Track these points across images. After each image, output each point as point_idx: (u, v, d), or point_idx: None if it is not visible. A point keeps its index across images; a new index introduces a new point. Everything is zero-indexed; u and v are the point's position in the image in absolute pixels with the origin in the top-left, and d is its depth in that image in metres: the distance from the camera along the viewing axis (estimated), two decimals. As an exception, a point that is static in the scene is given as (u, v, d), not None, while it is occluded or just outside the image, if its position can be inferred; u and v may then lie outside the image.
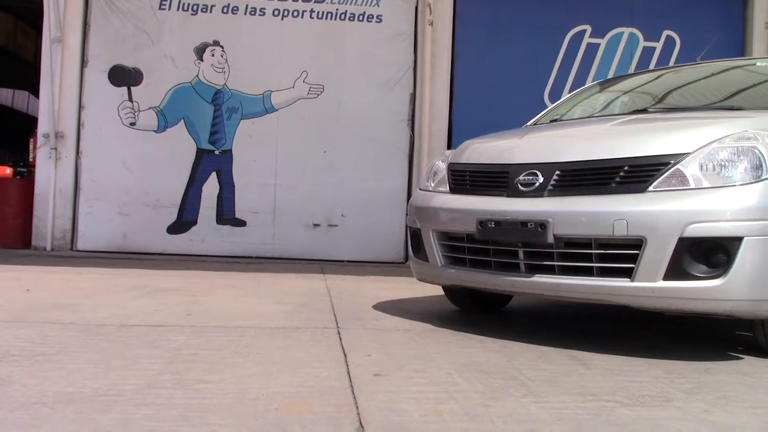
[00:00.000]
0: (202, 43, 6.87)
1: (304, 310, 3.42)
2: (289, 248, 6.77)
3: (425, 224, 3.13)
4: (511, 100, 6.76)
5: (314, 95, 6.90)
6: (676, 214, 2.45)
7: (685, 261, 2.45)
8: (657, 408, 1.95)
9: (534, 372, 2.31)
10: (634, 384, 2.20)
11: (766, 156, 2.51)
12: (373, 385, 2.06)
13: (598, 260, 2.59)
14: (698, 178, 2.51)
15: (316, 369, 2.23)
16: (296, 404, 1.85)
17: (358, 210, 6.81)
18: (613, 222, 2.51)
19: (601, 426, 1.77)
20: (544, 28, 7.07)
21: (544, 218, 2.63)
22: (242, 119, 6.87)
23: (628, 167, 2.61)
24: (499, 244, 2.82)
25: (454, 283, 3.14)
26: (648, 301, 2.53)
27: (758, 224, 2.43)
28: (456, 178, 3.15)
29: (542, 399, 1.99)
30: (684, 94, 3.72)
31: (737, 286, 2.42)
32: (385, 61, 6.91)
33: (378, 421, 1.73)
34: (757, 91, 3.47)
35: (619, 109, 3.71)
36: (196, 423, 1.66)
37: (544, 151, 2.93)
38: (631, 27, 7.16)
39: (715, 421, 1.85)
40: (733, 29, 7.26)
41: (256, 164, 6.82)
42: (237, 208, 6.82)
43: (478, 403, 1.92)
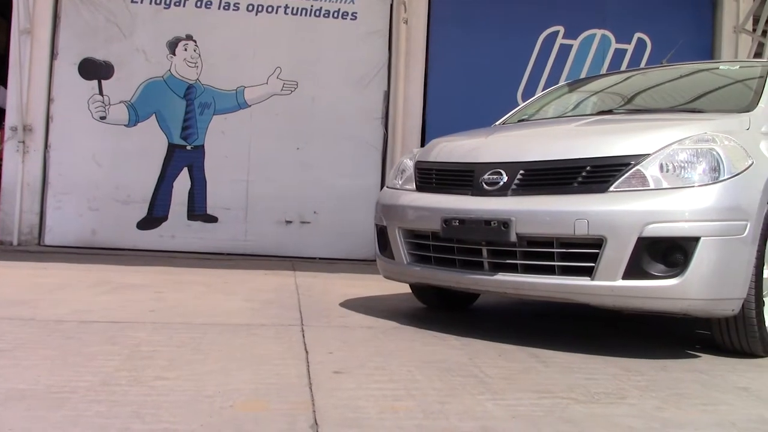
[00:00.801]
0: (174, 37, 6.80)
1: (270, 307, 3.40)
2: (261, 245, 6.74)
3: (391, 222, 3.14)
4: (485, 98, 6.79)
5: (288, 91, 6.87)
6: (636, 214, 2.49)
7: (643, 260, 2.49)
8: (611, 405, 1.98)
9: (493, 369, 2.33)
10: (591, 381, 2.23)
11: (723, 158, 2.56)
12: (332, 383, 2.06)
13: (560, 259, 2.62)
14: (658, 179, 2.56)
15: (276, 366, 2.23)
16: (253, 401, 1.85)
17: (330, 207, 6.80)
18: (574, 221, 2.54)
19: (555, 423, 1.79)
20: (518, 28, 7.12)
21: (507, 217, 2.65)
22: (215, 115, 6.81)
23: (590, 167, 2.65)
24: (463, 242, 2.83)
25: (419, 281, 3.15)
26: (608, 299, 2.56)
27: (715, 225, 2.48)
28: (422, 176, 3.16)
29: (499, 396, 2.01)
30: (649, 96, 3.77)
31: (693, 286, 2.46)
32: (359, 58, 6.90)
33: (333, 418, 1.73)
34: (719, 95, 3.54)
35: (586, 110, 3.75)
36: (149, 420, 1.65)
37: (508, 150, 2.95)
38: (603, 29, 7.24)
39: (667, 418, 1.88)
40: (703, 33, 7.38)
41: (228, 160, 6.77)
42: (209, 204, 6.77)
43: (435, 400, 1.93)
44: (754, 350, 2.70)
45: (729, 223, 2.50)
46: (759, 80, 3.37)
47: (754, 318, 2.61)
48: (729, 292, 2.51)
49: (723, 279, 2.49)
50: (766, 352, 2.73)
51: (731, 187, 2.53)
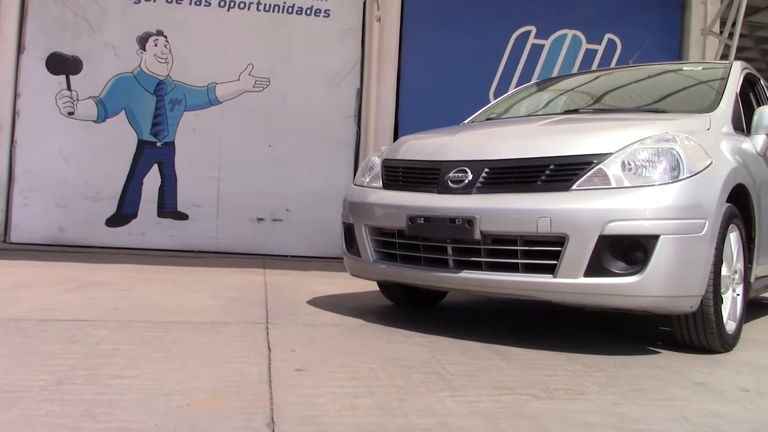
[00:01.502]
0: (144, 33, 6.71)
1: (236, 305, 3.38)
2: (232, 242, 6.69)
3: (358, 219, 3.14)
4: (458, 97, 6.81)
5: (260, 88, 6.82)
6: (597, 213, 2.52)
7: (604, 258, 2.52)
8: (569, 401, 2.00)
9: (456, 366, 2.34)
10: (551, 378, 2.25)
11: (683, 157, 2.61)
12: (293, 380, 2.05)
13: (523, 257, 2.64)
14: (619, 178, 2.59)
15: (238, 364, 2.21)
16: (211, 399, 1.83)
17: (303, 205, 6.77)
18: (537, 219, 2.57)
19: (513, 419, 1.80)
20: (491, 27, 7.16)
21: (471, 215, 2.67)
22: (185, 111, 6.73)
23: (554, 166, 2.67)
24: (428, 240, 2.84)
25: (385, 278, 3.16)
26: (569, 296, 2.59)
27: (674, 223, 2.52)
28: (389, 173, 3.17)
29: (459, 393, 2.02)
30: (615, 95, 3.82)
31: (653, 283, 2.50)
32: (332, 55, 6.88)
33: (291, 415, 1.73)
34: (682, 95, 3.60)
35: (553, 109, 3.79)
36: (102, 419, 1.63)
37: (474, 148, 2.96)
38: (574, 29, 7.31)
39: (623, 413, 1.91)
40: (672, 35, 7.49)
41: (199, 157, 6.70)
42: (179, 201, 6.69)
43: (396, 397, 1.93)
44: (713, 346, 2.75)
45: (688, 221, 2.54)
46: (720, 81, 3.44)
47: (712, 315, 2.66)
48: (688, 290, 2.56)
49: (682, 276, 2.54)
50: (724, 347, 2.79)
51: (690, 186, 2.58)
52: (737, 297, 2.95)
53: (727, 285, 2.83)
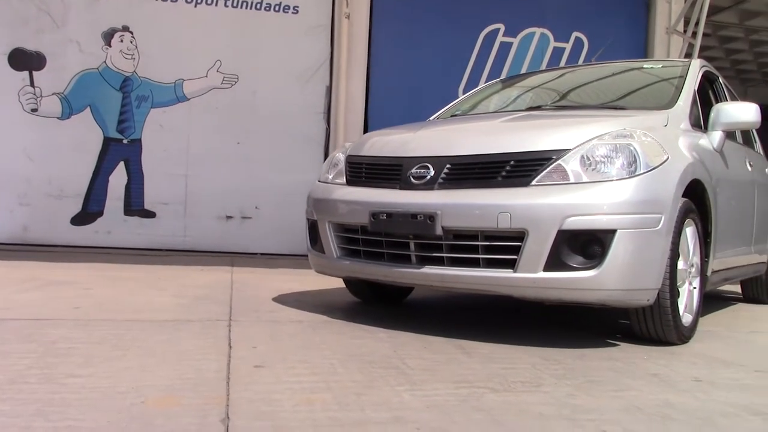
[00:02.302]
0: (110, 28, 6.61)
1: (200, 303, 3.36)
2: (200, 241, 6.63)
3: (321, 216, 3.14)
4: (427, 94, 6.84)
5: (228, 85, 6.76)
6: (556, 208, 2.55)
7: (563, 253, 2.56)
8: (525, 393, 2.03)
9: (416, 361, 2.36)
10: (510, 371, 2.28)
11: (640, 153, 2.65)
12: (251, 377, 2.05)
13: (484, 252, 2.66)
14: (578, 173, 2.62)
15: (197, 362, 2.20)
16: (166, 397, 1.82)
17: (272, 202, 6.74)
18: (497, 215, 2.59)
19: (468, 411, 1.82)
20: (459, 24, 7.19)
21: (432, 210, 2.68)
22: (152, 108, 6.65)
23: (514, 162, 2.70)
24: (391, 235, 2.85)
25: (348, 274, 3.16)
26: (529, 291, 2.62)
27: (631, 217, 2.56)
28: (353, 170, 3.17)
29: (417, 387, 2.03)
30: (578, 92, 3.87)
31: (610, 277, 2.54)
32: (301, 52, 6.85)
33: (246, 411, 1.72)
34: (643, 92, 3.66)
35: (517, 106, 3.83)
36: (54, 418, 1.61)
37: (436, 145, 2.98)
38: (542, 27, 7.37)
39: (577, 404, 1.94)
40: (638, 33, 7.60)
41: (166, 154, 6.62)
42: (146, 199, 6.61)
43: (353, 392, 1.94)
44: (669, 338, 2.81)
45: (644, 216, 2.59)
46: (679, 79, 3.51)
47: (668, 307, 2.72)
48: (644, 283, 2.61)
49: (638, 270, 2.58)
50: (680, 339, 2.85)
51: (646, 181, 2.62)
52: (694, 290, 3.01)
53: (684, 278, 2.89)
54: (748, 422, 1.86)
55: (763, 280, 4.56)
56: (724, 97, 4.04)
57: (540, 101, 3.86)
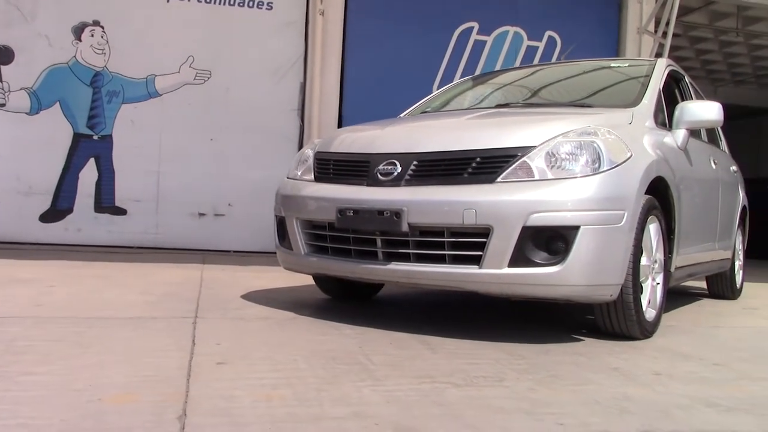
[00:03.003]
0: (80, 23, 6.52)
1: (167, 301, 3.33)
2: (173, 238, 6.57)
3: (289, 212, 3.13)
4: (401, 91, 6.78)
5: (201, 81, 6.71)
6: (520, 204, 2.56)
7: (527, 249, 2.57)
8: (487, 388, 2.04)
9: (381, 357, 2.36)
10: (473, 366, 2.29)
11: (604, 150, 2.68)
12: (212, 374, 2.03)
13: (450, 248, 2.67)
14: (543, 170, 2.64)
15: (158, 359, 2.18)
16: (123, 394, 1.80)
17: (245, 199, 6.70)
18: (463, 211, 2.60)
19: (428, 406, 1.83)
20: (434, 23, 7.21)
21: (399, 207, 2.69)
22: (123, 103, 6.57)
23: (480, 159, 2.71)
24: (358, 232, 2.85)
25: (316, 271, 3.16)
26: (494, 287, 2.64)
27: (594, 214, 2.59)
28: (321, 166, 3.16)
29: (380, 382, 2.04)
30: (546, 90, 3.90)
31: (574, 273, 2.56)
32: (275, 49, 6.82)
33: (204, 407, 1.71)
34: (609, 91, 3.70)
35: (487, 103, 3.84)
36: (4, 416, 1.58)
37: (403, 141, 2.98)
38: (516, 26, 7.42)
39: (536, 398, 1.96)
40: (609, 33, 7.69)
41: (138, 150, 6.55)
42: (117, 196, 6.53)
43: (314, 387, 1.94)
44: (633, 333, 2.85)
45: (607, 212, 2.62)
46: (645, 78, 3.55)
47: (631, 303, 2.75)
48: (607, 279, 2.64)
49: (601, 266, 2.61)
50: (643, 334, 2.89)
51: (610, 178, 2.65)
52: (657, 286, 3.05)
53: (647, 274, 2.93)
54: (703, 414, 1.89)
55: (727, 276, 4.64)
56: (689, 96, 4.10)
57: (509, 99, 3.89)
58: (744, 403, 2.02)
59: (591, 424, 1.75)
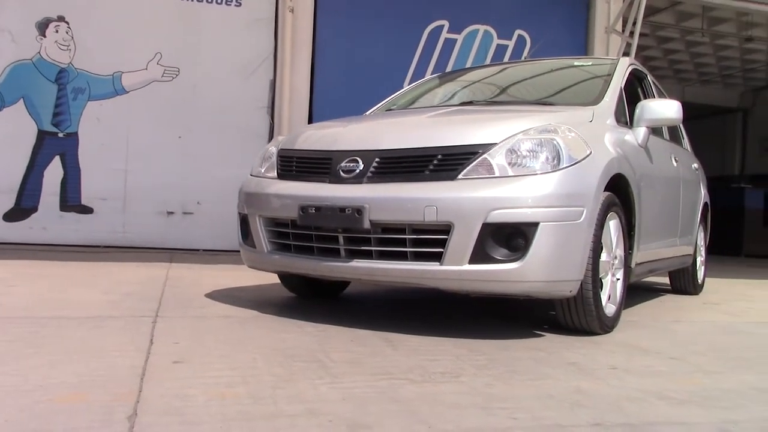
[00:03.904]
0: (45, 18, 6.41)
1: (129, 300, 3.29)
2: (140, 237, 6.49)
3: (252, 210, 3.11)
4: (372, 89, 6.77)
5: (169, 78, 6.64)
6: (481, 201, 2.58)
7: (488, 245, 2.59)
8: (444, 383, 2.05)
9: (341, 354, 2.36)
10: (433, 362, 2.30)
11: (563, 148, 2.71)
12: (167, 373, 2.01)
13: (411, 245, 2.68)
14: (503, 167, 2.66)
15: (113, 358, 2.15)
16: (74, 394, 1.77)
17: (214, 198, 6.63)
18: (424, 208, 2.61)
19: (383, 402, 1.83)
20: (404, 20, 7.22)
21: (360, 204, 2.68)
22: (89, 100, 6.48)
23: (441, 156, 2.72)
24: (320, 229, 2.84)
25: (279, 269, 3.14)
26: (455, 283, 2.65)
27: (553, 210, 2.61)
28: (284, 163, 3.15)
29: (337, 380, 2.03)
30: (511, 88, 3.93)
31: (533, 269, 2.59)
32: (244, 46, 6.78)
33: (156, 407, 1.69)
34: (572, 89, 3.74)
35: (452, 101, 3.86)
36: (-52, 418, 1.55)
37: (366, 139, 2.98)
38: (486, 25, 7.47)
39: (492, 393, 1.97)
40: (578, 32, 7.77)
41: (104, 148, 6.47)
42: (83, 194, 6.44)
43: (270, 386, 1.93)
44: (593, 328, 2.88)
45: (566, 209, 2.64)
46: (607, 77, 3.59)
47: (591, 298, 2.79)
48: (566, 275, 2.66)
49: (560, 262, 2.64)
50: (603, 329, 2.93)
51: (569, 175, 2.68)
52: (617, 281, 3.09)
53: (607, 270, 2.97)
54: (654, 407, 1.92)
55: (689, 272, 4.73)
56: (652, 95, 4.16)
57: (474, 96, 3.91)
58: (696, 395, 2.06)
59: (543, 418, 1.77)
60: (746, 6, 8.16)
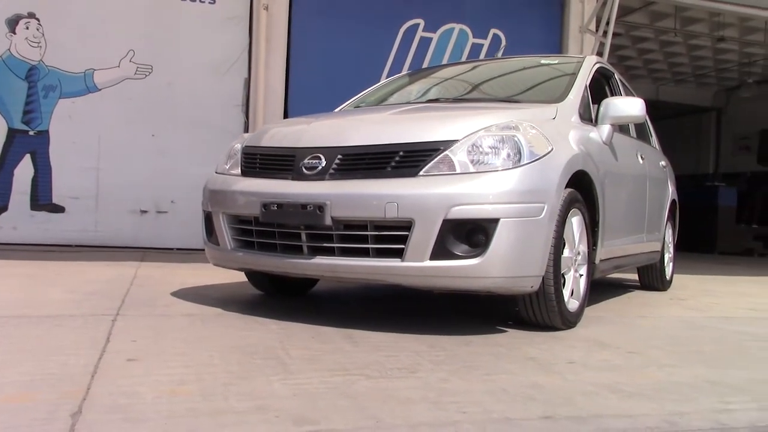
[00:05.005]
0: (15, 15, 6.33)
1: (92, 299, 3.25)
2: (113, 236, 6.43)
3: (216, 207, 3.09)
4: (347, 87, 6.70)
5: (142, 76, 6.58)
6: (441, 197, 2.59)
7: (449, 241, 2.60)
8: (399, 379, 2.05)
9: (300, 351, 2.36)
10: (391, 358, 2.31)
11: (524, 144, 2.72)
12: (120, 371, 2.00)
13: (373, 242, 2.68)
14: (465, 164, 2.67)
15: (66, 357, 2.13)
16: (23, 394, 1.75)
17: (189, 196, 6.54)
18: (385, 205, 2.61)
19: (335, 398, 1.83)
20: (380, 18, 7.22)
21: (322, 201, 2.68)
22: (61, 98, 6.41)
23: (403, 152, 2.72)
24: (283, 226, 2.83)
25: (242, 266, 3.13)
26: (417, 280, 2.66)
27: (513, 207, 2.63)
28: (248, 161, 3.14)
29: (292, 376, 2.03)
30: (478, 86, 3.94)
31: (494, 265, 2.60)
32: (218, 43, 6.74)
33: (102, 404, 1.68)
34: (538, 87, 3.76)
35: (419, 98, 3.87)
36: None
37: (329, 135, 2.98)
38: (461, 24, 7.49)
39: (446, 388, 1.98)
40: (553, 31, 7.82)
41: (76, 146, 6.40)
42: (54, 193, 6.37)
43: (223, 383, 1.92)
44: (555, 323, 2.90)
45: (527, 205, 2.66)
46: (572, 76, 3.62)
47: (553, 294, 2.81)
48: (527, 270, 2.68)
49: (521, 258, 2.65)
50: (566, 324, 2.95)
51: (530, 171, 2.69)
52: (581, 277, 3.12)
53: (569, 266, 2.99)
54: (606, 399, 1.94)
55: (657, 268, 4.78)
56: (619, 93, 4.20)
57: (442, 94, 3.92)
58: (647, 388, 2.08)
59: (493, 411, 1.78)
60: (718, 6, 8.26)
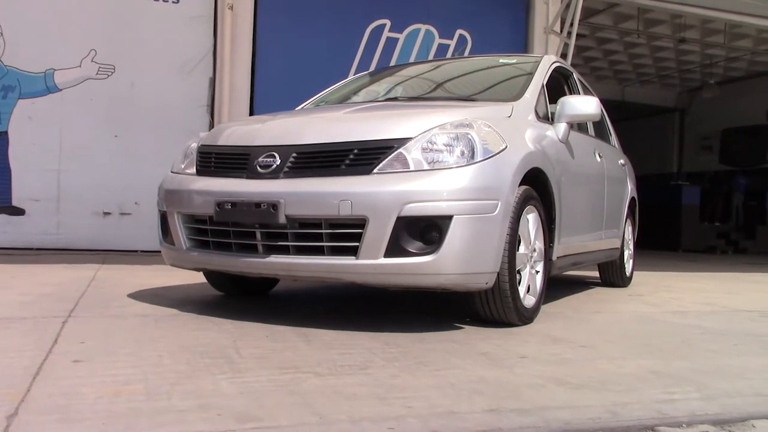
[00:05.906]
0: (-29, 13, 6.20)
1: (44, 301, 3.20)
2: (75, 238, 6.33)
3: (171, 207, 3.07)
4: (313, 87, 6.66)
5: (104, 76, 6.49)
6: (395, 195, 2.59)
7: (403, 239, 2.60)
8: (348, 376, 2.05)
9: (252, 350, 2.34)
10: (344, 356, 2.30)
11: (477, 142, 2.74)
12: (63, 372, 1.97)
13: (328, 240, 2.68)
14: (418, 161, 2.68)
15: (10, 359, 2.09)
16: (-42, 395, 1.72)
17: (153, 198, 6.32)
18: (339, 202, 2.61)
19: (281, 395, 1.82)
20: (346, 18, 7.22)
21: (276, 199, 2.67)
22: (20, 99, 6.29)
23: (357, 150, 2.72)
24: (237, 225, 2.82)
25: (198, 266, 3.10)
26: (371, 277, 2.66)
27: (467, 204, 2.64)
28: (203, 160, 3.12)
29: (240, 375, 2.02)
30: (438, 85, 3.96)
31: (448, 261, 2.61)
32: (182, 43, 6.67)
33: (41, 405, 1.65)
34: (496, 86, 3.79)
35: (379, 97, 3.87)
36: None
37: (284, 133, 2.97)
38: (427, 24, 7.52)
39: (395, 384, 1.98)
40: (518, 32, 7.90)
41: (36, 148, 6.29)
42: (14, 195, 6.25)
43: (169, 382, 1.90)
44: (511, 319, 2.93)
45: (480, 202, 2.68)
46: (529, 75, 3.66)
47: (508, 290, 2.83)
48: (481, 267, 2.70)
49: (475, 254, 2.67)
50: (522, 320, 2.98)
51: (483, 169, 2.71)
52: (537, 274, 3.15)
53: (525, 262, 3.02)
54: (551, 392, 1.96)
55: (617, 265, 4.85)
56: (577, 92, 4.25)
57: (402, 93, 3.93)
58: (594, 381, 2.11)
59: (439, 406, 1.79)
60: (679, 8, 8.41)
